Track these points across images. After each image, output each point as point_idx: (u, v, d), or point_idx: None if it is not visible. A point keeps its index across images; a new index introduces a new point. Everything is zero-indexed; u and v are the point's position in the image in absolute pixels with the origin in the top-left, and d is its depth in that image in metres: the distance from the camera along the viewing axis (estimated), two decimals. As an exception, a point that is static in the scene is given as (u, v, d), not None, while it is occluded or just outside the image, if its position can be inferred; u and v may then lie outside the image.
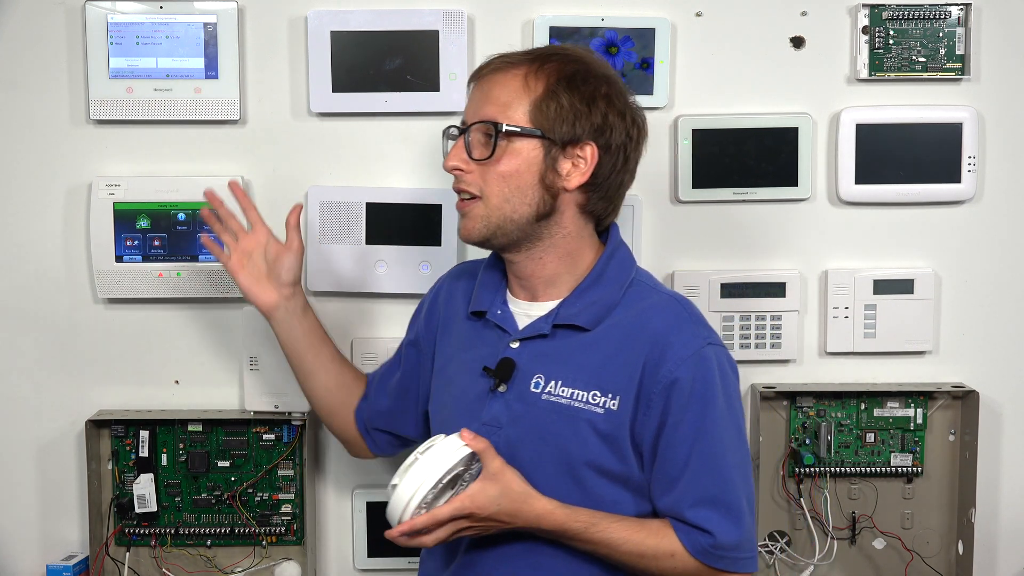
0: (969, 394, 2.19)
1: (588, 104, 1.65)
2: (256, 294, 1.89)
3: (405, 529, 1.56)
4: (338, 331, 2.21)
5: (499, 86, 1.67)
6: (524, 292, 1.75)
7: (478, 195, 1.67)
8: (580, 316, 1.68)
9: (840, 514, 2.24)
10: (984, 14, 2.17)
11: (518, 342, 1.70)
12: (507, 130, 1.64)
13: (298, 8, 2.15)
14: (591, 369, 1.65)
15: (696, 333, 1.66)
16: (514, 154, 1.65)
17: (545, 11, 2.15)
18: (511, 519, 1.60)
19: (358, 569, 2.26)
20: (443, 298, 1.88)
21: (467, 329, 1.79)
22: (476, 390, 1.72)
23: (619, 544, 1.61)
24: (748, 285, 2.20)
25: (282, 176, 2.19)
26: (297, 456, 2.21)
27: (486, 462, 1.59)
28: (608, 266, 1.72)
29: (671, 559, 1.62)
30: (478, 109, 1.68)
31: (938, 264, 2.23)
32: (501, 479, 1.59)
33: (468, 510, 1.57)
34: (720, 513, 1.62)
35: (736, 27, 2.18)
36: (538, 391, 1.67)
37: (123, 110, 2.15)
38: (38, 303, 2.21)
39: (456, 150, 1.68)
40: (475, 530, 1.61)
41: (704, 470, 1.62)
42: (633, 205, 2.18)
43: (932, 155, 2.18)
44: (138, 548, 2.23)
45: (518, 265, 1.73)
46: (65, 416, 2.22)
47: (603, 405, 1.64)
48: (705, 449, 1.62)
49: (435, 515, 1.56)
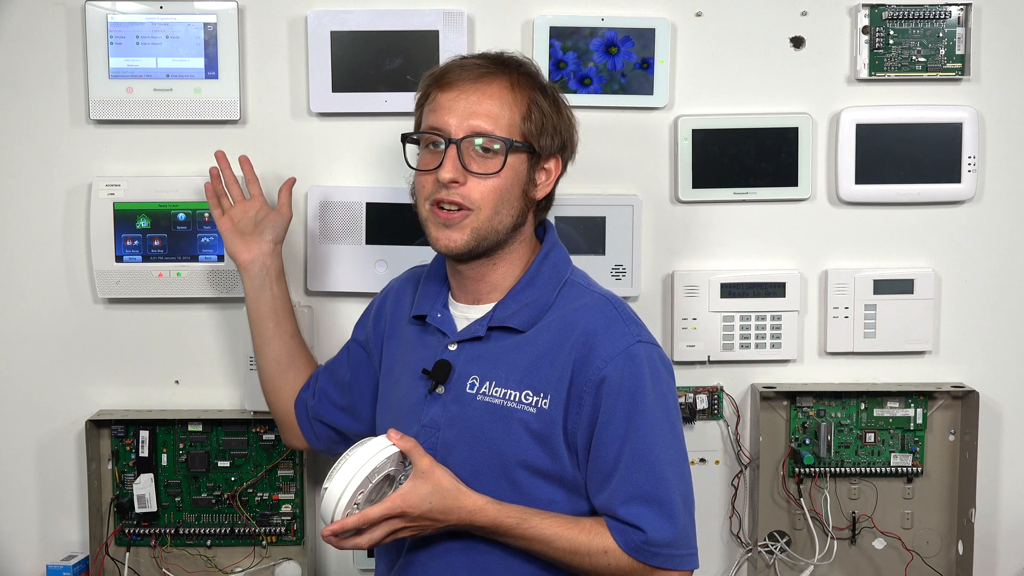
0: (969, 394, 2.19)
1: (557, 115, 1.71)
2: (236, 246, 1.97)
3: (336, 529, 1.58)
4: (338, 331, 2.21)
5: (488, 97, 1.66)
6: (466, 296, 1.75)
7: (469, 207, 1.66)
8: (514, 318, 1.69)
9: (840, 514, 2.24)
10: (984, 14, 2.17)
11: (456, 344, 1.71)
12: (514, 146, 1.65)
13: (298, 8, 2.16)
14: (523, 369, 1.66)
15: (625, 331, 1.66)
16: (510, 167, 1.66)
17: (545, 11, 2.15)
18: (444, 516, 1.61)
19: (358, 569, 2.26)
20: (391, 301, 1.89)
21: (411, 333, 1.80)
22: (418, 393, 1.73)
23: (552, 540, 1.62)
24: (748, 285, 2.20)
25: (282, 176, 2.18)
26: (297, 456, 2.21)
27: (415, 460, 1.61)
28: (542, 267, 1.73)
29: (604, 556, 1.62)
30: (467, 120, 1.65)
31: (938, 264, 2.23)
32: (431, 477, 1.60)
33: (400, 509, 1.59)
34: (653, 510, 1.61)
35: (736, 27, 2.18)
36: (473, 392, 1.68)
37: (123, 110, 2.15)
38: (38, 303, 2.21)
39: (451, 161, 1.65)
40: (411, 530, 1.62)
41: (635, 467, 1.61)
42: (633, 205, 2.18)
43: (932, 155, 2.18)
44: (138, 548, 2.23)
45: (471, 271, 1.72)
46: (65, 416, 2.22)
47: (535, 404, 1.65)
48: (636, 446, 1.62)
49: (366, 515, 1.58)
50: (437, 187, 1.66)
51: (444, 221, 1.67)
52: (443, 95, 1.68)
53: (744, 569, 2.26)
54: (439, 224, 1.68)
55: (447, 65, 1.71)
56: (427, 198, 1.68)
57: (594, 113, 2.15)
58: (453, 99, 1.66)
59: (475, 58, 1.72)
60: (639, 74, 2.16)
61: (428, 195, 1.68)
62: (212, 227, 2.16)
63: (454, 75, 1.68)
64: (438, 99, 1.68)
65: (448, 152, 1.65)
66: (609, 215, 2.17)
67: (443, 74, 1.69)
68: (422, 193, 1.69)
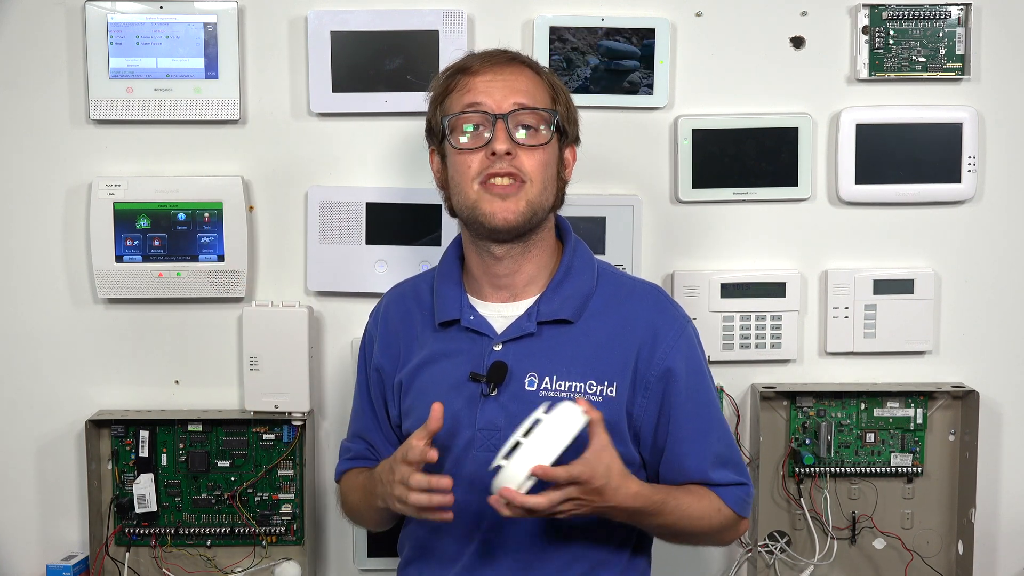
0: (969, 394, 2.19)
1: (573, 107, 1.76)
2: None
3: (542, 473, 1.49)
4: (338, 331, 2.21)
5: (523, 77, 1.70)
6: (499, 293, 1.74)
7: (523, 179, 1.67)
8: (563, 310, 1.69)
9: (840, 514, 2.24)
10: (984, 14, 2.17)
11: (500, 344, 1.70)
12: (556, 120, 1.69)
13: (298, 8, 2.16)
14: (584, 360, 1.68)
15: (676, 314, 1.74)
16: (553, 142, 1.71)
17: (545, 11, 2.15)
18: (611, 495, 1.56)
19: (358, 569, 2.26)
20: (395, 321, 1.83)
21: (435, 342, 1.76)
22: (461, 398, 1.70)
23: (687, 508, 1.66)
24: (748, 285, 2.20)
25: (282, 176, 2.19)
26: (297, 456, 2.21)
27: (596, 434, 1.55)
28: (575, 258, 1.75)
29: (719, 513, 1.70)
30: (508, 97, 1.67)
31: (938, 264, 2.23)
32: (609, 452, 1.56)
33: (584, 476, 1.53)
34: (735, 471, 1.73)
35: (736, 27, 2.18)
36: (534, 389, 1.67)
37: (123, 110, 2.15)
38: (38, 303, 2.21)
39: (502, 133, 1.65)
40: (578, 504, 1.55)
41: (714, 436, 1.72)
42: (633, 205, 2.18)
43: (932, 155, 2.18)
44: (138, 548, 2.23)
45: (509, 260, 1.71)
46: (65, 416, 2.22)
47: (600, 393, 1.67)
48: (708, 418, 1.72)
49: (555, 473, 1.50)
50: (486, 163, 1.66)
51: (500, 194, 1.66)
52: (476, 79, 1.69)
53: (744, 569, 2.26)
54: (493, 198, 1.66)
55: (466, 58, 1.73)
56: (475, 177, 1.67)
57: (594, 113, 2.15)
58: (489, 80, 1.69)
59: (489, 51, 1.74)
60: (639, 74, 2.16)
61: (477, 173, 1.67)
62: (212, 227, 2.16)
63: (479, 62, 1.70)
64: (471, 83, 1.69)
65: (497, 125, 1.66)
66: (609, 215, 2.17)
67: (467, 64, 1.71)
68: (468, 174, 1.67)
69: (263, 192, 2.19)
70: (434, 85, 1.75)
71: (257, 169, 2.19)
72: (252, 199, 2.19)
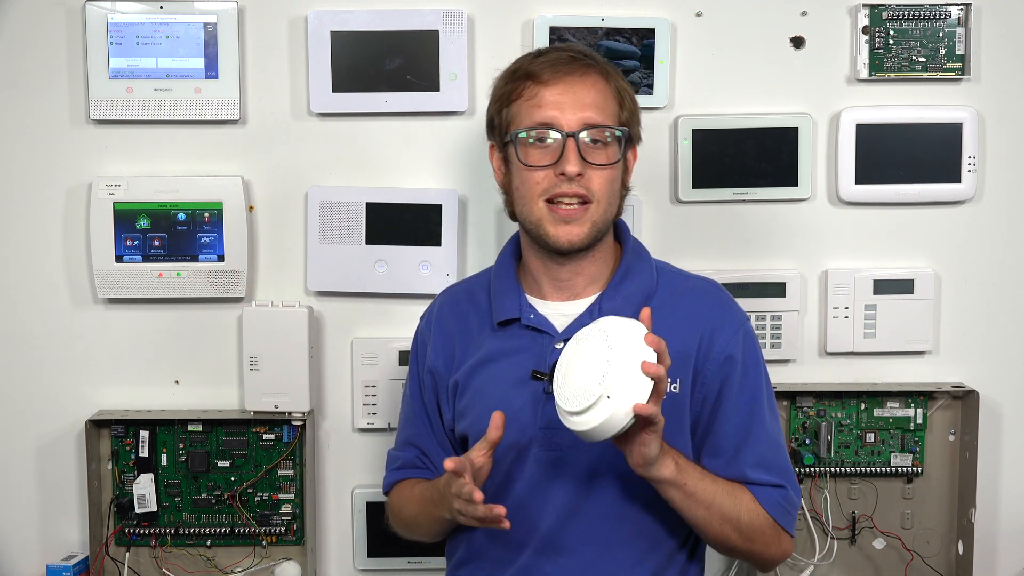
0: (969, 394, 2.19)
1: (637, 107, 1.74)
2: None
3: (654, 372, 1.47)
4: (338, 331, 2.21)
5: (592, 88, 1.67)
6: (560, 292, 1.74)
7: (590, 200, 1.66)
8: (625, 307, 1.68)
9: (840, 514, 2.24)
10: (984, 14, 2.17)
11: (562, 342, 1.67)
12: (627, 135, 1.68)
13: (298, 8, 2.16)
14: None
15: (736, 311, 1.75)
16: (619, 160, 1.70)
17: (545, 11, 2.15)
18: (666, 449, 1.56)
19: (358, 569, 2.26)
20: (449, 322, 1.82)
21: (492, 341, 1.75)
22: (522, 397, 1.69)
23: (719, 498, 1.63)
24: (748, 285, 2.20)
25: (282, 176, 2.19)
26: (297, 456, 2.21)
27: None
28: (635, 258, 1.75)
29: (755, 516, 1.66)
30: (578, 112, 1.64)
31: (938, 264, 2.23)
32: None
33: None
34: (779, 475, 1.69)
35: (736, 27, 2.18)
36: None
37: (123, 110, 2.15)
38: (38, 303, 2.21)
39: (573, 154, 1.63)
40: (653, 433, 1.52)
41: (762, 437, 1.69)
42: (633, 205, 2.18)
43: (932, 155, 2.18)
44: (138, 548, 2.23)
45: (571, 266, 1.71)
46: (65, 416, 2.22)
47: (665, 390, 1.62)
48: (759, 417, 1.69)
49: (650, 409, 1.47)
50: (555, 182, 1.65)
51: (565, 217, 1.66)
52: (545, 91, 1.66)
53: (744, 569, 2.26)
54: (558, 221, 1.66)
55: (536, 62, 1.69)
56: (541, 195, 1.67)
57: (594, 113, 2.14)
58: (559, 93, 1.66)
59: (557, 51, 1.71)
60: (639, 74, 2.16)
61: (544, 191, 1.66)
62: (212, 227, 2.16)
63: (550, 70, 1.67)
64: (541, 96, 1.66)
65: (568, 144, 1.64)
66: (609, 215, 2.18)
67: (537, 71, 1.67)
68: (535, 190, 1.67)
69: (263, 192, 2.19)
70: (499, 83, 1.73)
71: (257, 169, 2.19)
72: (252, 199, 2.19)
